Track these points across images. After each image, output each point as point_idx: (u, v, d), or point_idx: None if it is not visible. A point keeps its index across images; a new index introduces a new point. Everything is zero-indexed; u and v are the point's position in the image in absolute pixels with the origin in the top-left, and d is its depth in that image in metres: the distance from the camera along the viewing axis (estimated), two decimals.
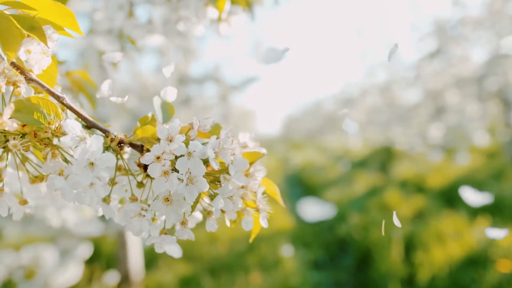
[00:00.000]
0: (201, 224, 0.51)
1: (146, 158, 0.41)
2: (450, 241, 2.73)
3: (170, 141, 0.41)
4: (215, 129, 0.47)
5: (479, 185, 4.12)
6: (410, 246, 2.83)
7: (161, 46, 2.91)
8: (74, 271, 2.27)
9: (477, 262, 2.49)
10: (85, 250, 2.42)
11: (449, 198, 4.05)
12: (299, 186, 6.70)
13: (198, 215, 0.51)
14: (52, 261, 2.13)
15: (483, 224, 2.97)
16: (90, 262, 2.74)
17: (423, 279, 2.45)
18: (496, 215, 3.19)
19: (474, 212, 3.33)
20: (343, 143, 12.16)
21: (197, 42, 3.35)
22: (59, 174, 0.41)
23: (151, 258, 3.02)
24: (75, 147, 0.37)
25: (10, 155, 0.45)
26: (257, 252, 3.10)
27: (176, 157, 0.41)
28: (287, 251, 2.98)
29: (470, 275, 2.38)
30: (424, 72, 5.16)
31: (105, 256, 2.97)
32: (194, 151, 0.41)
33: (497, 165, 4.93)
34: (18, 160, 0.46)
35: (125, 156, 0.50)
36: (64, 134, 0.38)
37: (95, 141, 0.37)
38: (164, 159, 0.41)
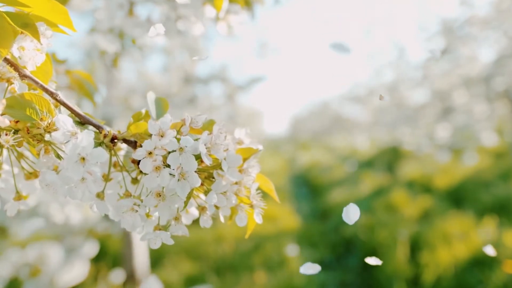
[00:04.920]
0: None
1: (138, 154, 0.41)
2: (456, 242, 2.71)
3: (162, 136, 0.41)
4: (209, 125, 0.47)
5: (486, 186, 4.10)
6: (416, 247, 2.81)
7: (167, 45, 2.92)
8: (80, 269, 2.28)
9: (483, 263, 2.47)
10: (91, 248, 2.44)
11: (456, 198, 4.02)
12: (306, 186, 6.69)
13: (194, 212, 0.52)
14: (58, 259, 2.14)
15: (490, 224, 2.95)
16: (96, 260, 2.76)
17: (429, 279, 2.44)
18: (503, 216, 3.17)
19: (481, 213, 3.31)
20: (350, 143, 12.13)
21: (204, 41, 3.35)
22: (54, 170, 0.42)
23: (157, 257, 3.03)
24: (66, 142, 0.38)
25: (5, 152, 0.45)
26: (262, 251, 3.10)
27: (168, 153, 0.41)
28: (292, 250, 2.97)
29: (476, 276, 2.37)
30: (432, 72, 5.13)
31: (111, 255, 2.99)
32: (186, 146, 0.41)
33: (504, 165, 4.89)
34: (14, 158, 0.46)
35: (122, 153, 0.50)
36: (56, 130, 0.39)
37: (86, 136, 0.37)
38: (156, 155, 0.41)
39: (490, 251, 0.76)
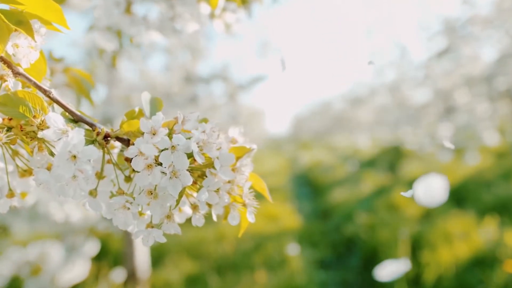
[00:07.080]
0: (207, 223, 0.51)
1: (130, 152, 0.41)
2: (457, 241, 2.71)
3: (154, 134, 0.41)
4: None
5: (488, 185, 4.09)
6: (417, 246, 2.81)
7: (168, 45, 2.92)
8: (81, 268, 2.29)
9: (484, 262, 2.47)
10: (92, 247, 2.44)
11: (457, 198, 4.02)
12: (307, 185, 6.69)
13: (188, 211, 0.52)
14: (59, 258, 2.15)
15: (491, 224, 2.94)
16: (97, 259, 2.76)
17: (430, 279, 2.44)
18: (505, 215, 3.16)
19: (482, 212, 3.30)
20: (352, 142, 12.11)
21: (205, 41, 3.36)
22: (47, 168, 0.42)
23: (158, 256, 3.04)
24: (57, 140, 0.38)
25: (0, 149, 0.45)
26: (263, 251, 3.10)
27: (160, 151, 0.41)
28: (293, 250, 2.97)
29: (477, 276, 2.36)
30: (434, 71, 5.12)
31: (112, 254, 2.99)
32: (178, 144, 0.41)
33: (506, 165, 4.88)
34: (8, 155, 0.46)
35: (116, 151, 0.50)
36: (48, 127, 0.39)
37: (77, 134, 0.37)
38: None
39: None
